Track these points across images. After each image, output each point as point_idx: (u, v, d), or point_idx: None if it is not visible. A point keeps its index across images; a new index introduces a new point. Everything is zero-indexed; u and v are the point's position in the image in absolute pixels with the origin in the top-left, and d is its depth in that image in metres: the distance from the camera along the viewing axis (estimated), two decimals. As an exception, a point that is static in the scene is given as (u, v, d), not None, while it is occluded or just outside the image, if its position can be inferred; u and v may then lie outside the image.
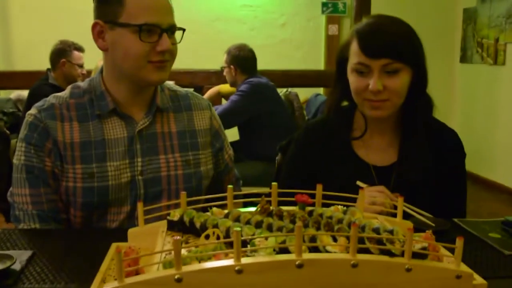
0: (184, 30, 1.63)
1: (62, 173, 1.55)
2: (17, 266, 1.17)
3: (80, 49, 4.06)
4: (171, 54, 1.58)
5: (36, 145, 1.54)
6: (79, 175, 1.54)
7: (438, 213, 1.52)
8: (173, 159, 1.66)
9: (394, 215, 1.26)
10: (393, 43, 1.55)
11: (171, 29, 1.55)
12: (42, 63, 4.05)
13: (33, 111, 1.59)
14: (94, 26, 1.55)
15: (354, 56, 1.59)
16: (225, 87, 4.76)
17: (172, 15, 1.57)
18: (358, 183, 1.58)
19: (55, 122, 1.56)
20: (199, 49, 6.60)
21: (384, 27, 1.58)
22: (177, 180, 1.65)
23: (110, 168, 1.56)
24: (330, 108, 1.76)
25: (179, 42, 1.62)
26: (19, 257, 1.21)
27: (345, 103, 1.77)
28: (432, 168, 1.69)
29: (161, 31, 1.51)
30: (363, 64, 1.56)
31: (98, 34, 1.56)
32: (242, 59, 4.20)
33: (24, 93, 4.59)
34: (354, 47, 1.60)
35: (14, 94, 4.89)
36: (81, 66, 4.07)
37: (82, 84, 1.67)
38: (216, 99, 4.67)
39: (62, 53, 4.00)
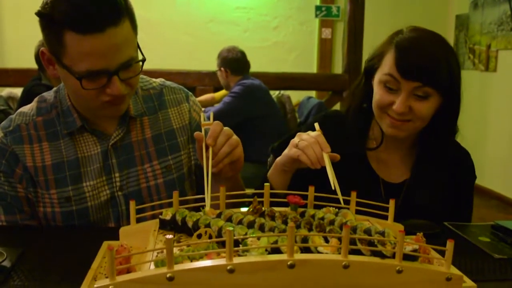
0: (143, 60, 1.41)
1: (37, 199, 1.47)
2: (7, 263, 1.16)
3: None
4: (130, 86, 1.40)
5: (5, 172, 1.45)
6: (55, 200, 1.46)
7: None
8: (150, 168, 1.55)
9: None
10: (431, 68, 1.47)
11: (124, 67, 1.34)
12: (34, 60, 4.02)
13: None
14: (42, 54, 1.40)
15: (387, 67, 1.52)
16: (220, 93, 4.79)
17: (126, 48, 1.34)
18: (316, 125, 1.47)
19: (22, 146, 1.47)
20: (192, 50, 6.63)
21: (425, 48, 1.50)
22: (158, 190, 1.56)
23: (87, 189, 1.48)
24: (349, 109, 1.69)
25: (139, 73, 1.41)
26: (10, 254, 1.20)
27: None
28: (442, 189, 1.66)
29: (109, 74, 1.32)
30: (394, 78, 1.49)
31: (47, 61, 1.41)
32: (232, 60, 4.24)
33: (16, 90, 4.56)
34: (389, 59, 1.51)
35: (5, 91, 4.87)
36: None
37: (49, 96, 1.55)
38: (209, 105, 4.69)
39: None
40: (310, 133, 1.43)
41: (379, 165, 1.67)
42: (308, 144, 1.38)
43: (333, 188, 1.24)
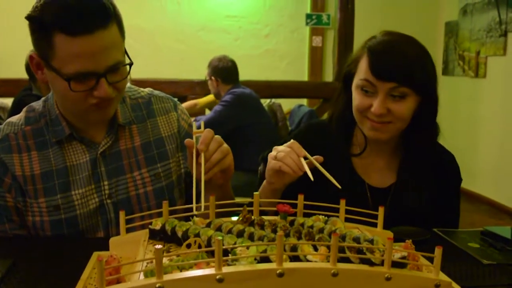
0: (131, 64, 1.42)
1: (26, 208, 1.47)
2: (-4, 275, 1.16)
3: None
4: (117, 90, 1.41)
5: None
6: (44, 208, 1.46)
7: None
8: (139, 176, 1.55)
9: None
10: (404, 67, 1.49)
11: (112, 69, 1.35)
12: (24, 71, 4.01)
13: None
14: (31, 58, 1.41)
15: (362, 72, 1.54)
16: (204, 100, 4.79)
17: (114, 52, 1.35)
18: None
19: (11, 155, 1.47)
20: (183, 58, 6.64)
21: (397, 49, 1.52)
22: (147, 198, 1.55)
23: (76, 197, 1.48)
24: (332, 117, 1.71)
25: (126, 76, 1.43)
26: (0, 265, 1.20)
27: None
28: (428, 193, 1.66)
29: (97, 77, 1.34)
30: (370, 82, 1.51)
31: (36, 66, 1.41)
32: (222, 69, 4.25)
33: (6, 101, 4.55)
34: (363, 64, 1.54)
35: (-4, 101, 4.85)
36: None
37: (37, 106, 1.56)
38: (193, 112, 4.68)
39: None
40: (285, 144, 1.46)
41: (365, 170, 1.68)
42: (285, 154, 1.41)
43: (312, 179, 1.30)
